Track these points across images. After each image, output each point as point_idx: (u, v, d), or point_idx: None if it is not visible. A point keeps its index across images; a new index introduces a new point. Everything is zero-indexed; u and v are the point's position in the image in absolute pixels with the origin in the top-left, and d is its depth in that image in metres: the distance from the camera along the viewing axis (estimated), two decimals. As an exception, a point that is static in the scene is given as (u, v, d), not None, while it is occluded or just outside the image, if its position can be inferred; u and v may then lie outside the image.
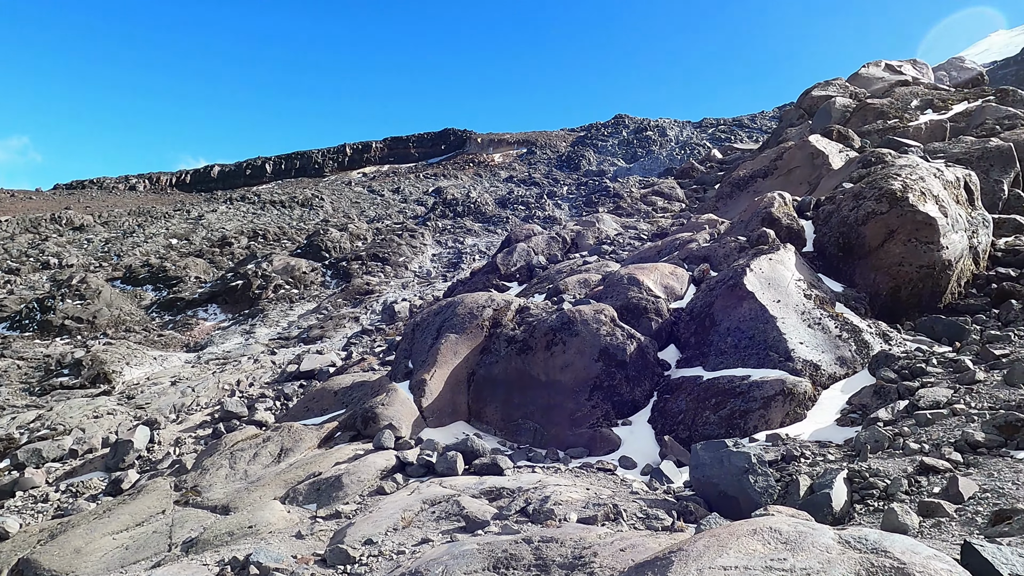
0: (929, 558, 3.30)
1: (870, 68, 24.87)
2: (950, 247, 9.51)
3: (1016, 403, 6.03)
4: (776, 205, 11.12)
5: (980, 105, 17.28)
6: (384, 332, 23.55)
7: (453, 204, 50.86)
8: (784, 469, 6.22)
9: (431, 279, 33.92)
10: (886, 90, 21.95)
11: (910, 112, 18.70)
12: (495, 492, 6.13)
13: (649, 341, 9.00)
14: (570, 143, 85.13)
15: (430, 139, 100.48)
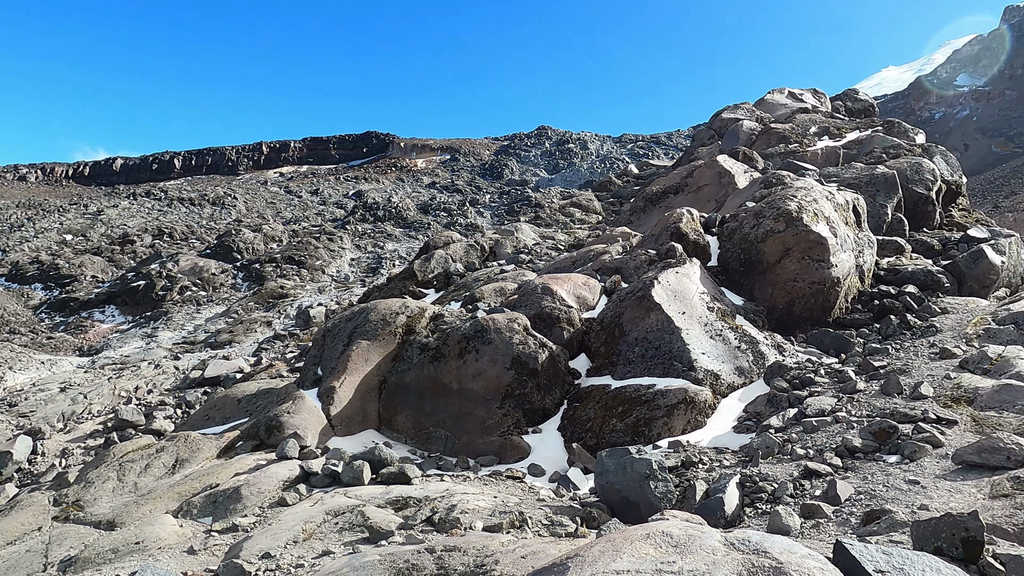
0: (804, 557, 3.52)
1: (775, 95, 26.40)
2: (839, 265, 10.21)
3: (890, 411, 6.53)
4: (685, 221, 11.59)
5: (870, 135, 18.67)
6: (298, 337, 22.86)
7: (374, 208, 50.07)
8: (683, 475, 6.47)
9: (349, 284, 33.21)
10: (788, 116, 23.35)
11: (809, 138, 19.97)
12: (402, 501, 6.06)
13: (561, 350, 9.16)
14: (494, 152, 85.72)
15: (351, 141, 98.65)
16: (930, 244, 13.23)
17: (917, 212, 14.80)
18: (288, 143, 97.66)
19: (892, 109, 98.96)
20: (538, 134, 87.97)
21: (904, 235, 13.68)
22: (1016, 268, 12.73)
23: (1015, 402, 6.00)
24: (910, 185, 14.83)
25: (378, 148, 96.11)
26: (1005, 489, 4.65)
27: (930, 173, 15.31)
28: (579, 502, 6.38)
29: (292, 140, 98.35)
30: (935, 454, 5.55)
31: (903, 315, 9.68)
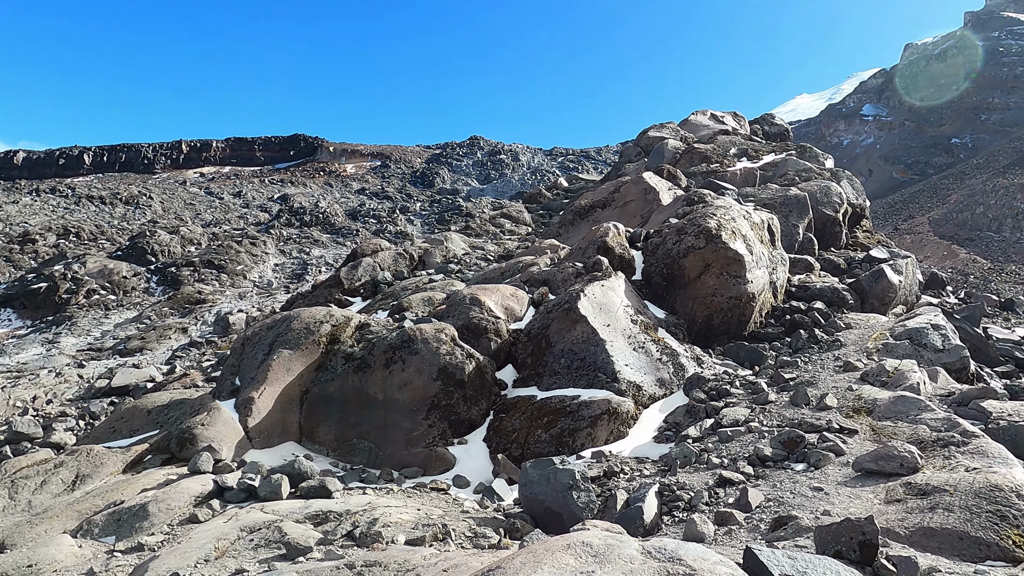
0: (716, 563, 3.67)
1: (698, 116, 27.50)
2: (754, 281, 10.70)
3: (798, 421, 6.88)
4: (611, 235, 11.88)
5: (784, 158, 19.71)
6: (215, 345, 21.96)
7: (300, 213, 48.80)
8: (605, 484, 6.59)
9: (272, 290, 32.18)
10: (710, 137, 24.36)
11: (729, 158, 20.89)
12: (322, 516, 5.90)
13: (488, 361, 9.18)
14: (425, 160, 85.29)
15: (278, 143, 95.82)
16: (837, 263, 14.07)
17: (826, 232, 15.71)
18: (210, 142, 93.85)
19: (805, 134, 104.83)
20: (470, 144, 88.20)
21: (814, 254, 14.49)
22: (911, 287, 13.71)
23: (908, 413, 6.44)
24: (820, 207, 15.73)
25: (306, 151, 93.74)
26: (898, 494, 4.99)
27: (838, 196, 16.30)
28: (503, 513, 6.39)
29: (214, 140, 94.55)
30: (838, 462, 5.89)
31: (812, 330, 10.23)
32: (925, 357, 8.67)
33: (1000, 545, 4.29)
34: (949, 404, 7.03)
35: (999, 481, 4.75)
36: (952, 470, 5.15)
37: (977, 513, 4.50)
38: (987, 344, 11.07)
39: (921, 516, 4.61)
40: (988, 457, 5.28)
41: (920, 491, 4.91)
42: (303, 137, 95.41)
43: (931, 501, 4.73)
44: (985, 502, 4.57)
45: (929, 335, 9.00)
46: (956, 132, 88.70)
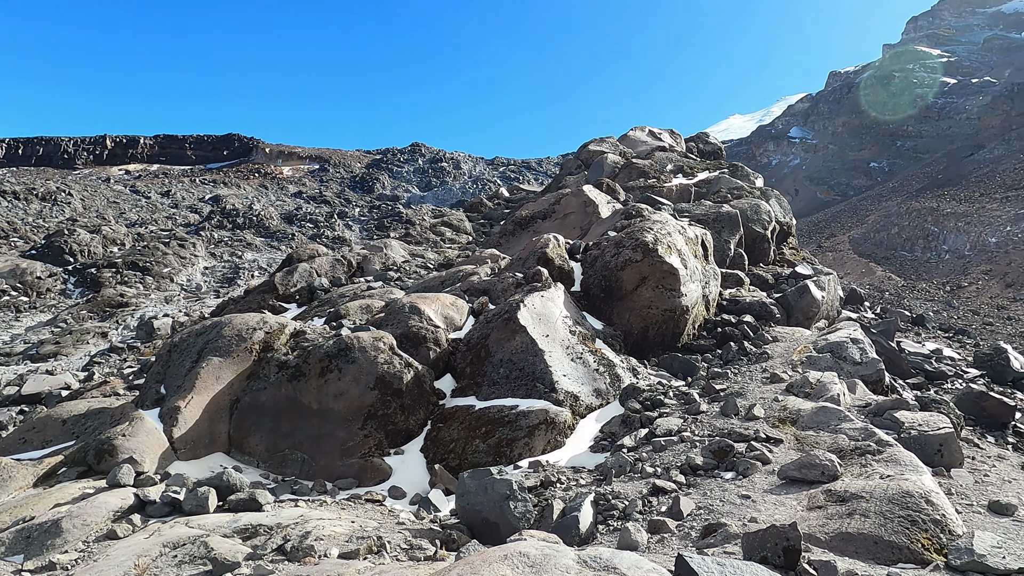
0: (649, 571, 3.75)
1: (637, 132, 28.21)
2: (688, 295, 11.03)
3: (728, 431, 7.12)
4: (551, 246, 12.02)
5: (718, 176, 20.44)
6: (139, 351, 20.95)
7: (233, 215, 47.30)
8: (542, 494, 6.64)
9: (201, 294, 31.01)
10: (648, 153, 25.01)
11: (665, 174, 21.50)
12: (251, 530, 5.70)
13: (427, 370, 9.12)
14: (365, 165, 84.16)
15: (211, 142, 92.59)
16: (765, 278, 14.66)
17: (755, 248, 16.36)
18: (137, 139, 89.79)
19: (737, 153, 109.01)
20: (412, 150, 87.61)
21: (744, 269, 15.06)
22: (833, 302, 14.42)
23: (829, 423, 6.76)
24: (750, 224, 16.38)
25: (241, 152, 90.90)
26: (819, 501, 5.23)
27: (767, 214, 17.01)
28: (439, 524, 6.34)
29: (142, 136, 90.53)
30: (764, 470, 6.12)
31: (741, 342, 10.62)
32: (845, 369, 9.13)
33: (911, 548, 4.55)
34: (866, 414, 7.41)
35: (910, 488, 5.04)
36: (868, 477, 5.44)
37: (891, 518, 4.76)
38: (900, 357, 11.75)
39: (840, 522, 4.84)
40: (900, 465, 5.60)
41: (839, 498, 5.15)
42: (238, 137, 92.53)
43: (849, 507, 4.98)
44: (898, 508, 4.84)
45: (848, 348, 9.49)
46: (874, 157, 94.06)
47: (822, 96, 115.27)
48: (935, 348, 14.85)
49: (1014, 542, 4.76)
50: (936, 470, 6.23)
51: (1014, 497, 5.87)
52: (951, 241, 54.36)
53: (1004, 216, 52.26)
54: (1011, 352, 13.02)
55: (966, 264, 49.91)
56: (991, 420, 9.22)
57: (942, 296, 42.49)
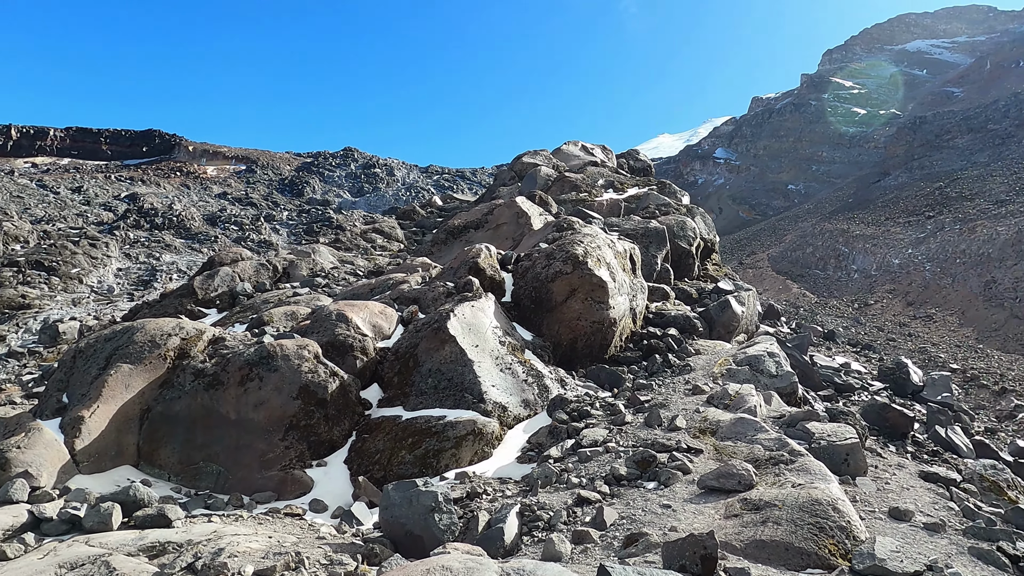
0: (571, 583, 3.78)
1: (569, 146, 28.70)
2: (616, 307, 11.25)
3: (651, 442, 7.28)
4: (483, 257, 12.03)
5: (647, 192, 21.02)
6: (40, 356, 19.60)
7: (151, 214, 45.11)
8: (468, 506, 6.59)
9: (114, 297, 29.37)
10: (581, 167, 25.47)
11: (597, 189, 21.94)
12: (159, 547, 5.39)
13: (353, 379, 8.91)
14: (295, 168, 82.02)
15: (129, 137, 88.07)
16: (689, 292, 15.14)
17: (681, 264, 16.87)
18: (46, 130, 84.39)
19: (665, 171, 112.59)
20: (344, 155, 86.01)
21: (670, 283, 15.50)
22: (752, 317, 15.03)
23: (746, 433, 7.02)
24: (676, 240, 16.89)
25: (161, 149, 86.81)
26: (736, 510, 5.40)
27: (692, 231, 17.60)
28: (362, 538, 6.19)
29: (52, 128, 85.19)
30: (685, 480, 6.28)
31: (666, 355, 10.91)
32: (761, 382, 9.52)
33: (819, 554, 4.77)
34: (780, 425, 7.74)
35: (819, 496, 5.29)
36: (781, 486, 5.67)
37: (801, 525, 4.97)
38: (812, 370, 12.36)
39: (755, 529, 5.02)
40: (811, 474, 5.87)
41: (754, 506, 5.35)
42: (159, 133, 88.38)
43: (763, 515, 5.17)
44: (807, 515, 5.06)
45: (765, 362, 9.90)
46: (792, 179, 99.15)
47: (745, 120, 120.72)
48: (844, 362, 15.71)
49: (911, 546, 5.06)
50: (843, 479, 6.55)
51: (911, 504, 6.25)
52: (859, 261, 57.82)
53: (906, 239, 56.04)
54: (911, 367, 13.93)
55: (872, 283, 53.18)
56: (893, 430, 9.80)
57: (851, 313, 45.07)
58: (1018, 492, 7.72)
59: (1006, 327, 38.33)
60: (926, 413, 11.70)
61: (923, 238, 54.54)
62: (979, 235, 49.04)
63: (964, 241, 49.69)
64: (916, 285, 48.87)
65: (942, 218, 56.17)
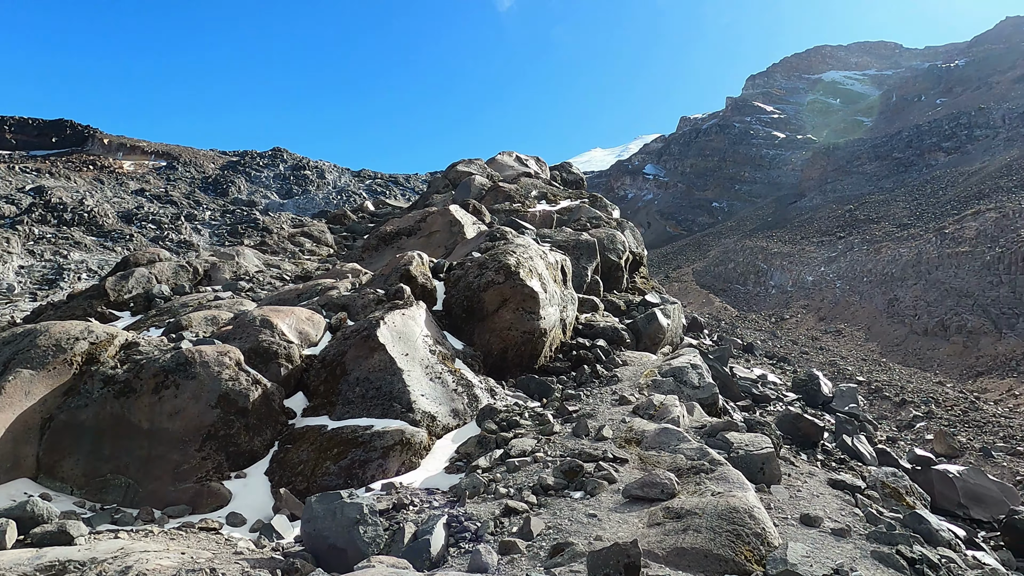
0: (498, 594, 3.77)
1: (504, 156, 28.90)
2: (547, 318, 11.37)
3: (578, 451, 7.38)
4: (415, 264, 11.92)
5: (579, 204, 21.39)
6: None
7: (59, 209, 42.43)
8: (394, 517, 6.48)
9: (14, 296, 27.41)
10: (515, 178, 25.67)
11: (530, 200, 22.15)
12: (58, 567, 5.05)
13: (276, 387, 8.64)
14: (220, 166, 78.99)
15: (37, 127, 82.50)
16: (618, 304, 15.47)
17: (610, 276, 17.24)
18: (-59, 115, 78.12)
19: (597, 185, 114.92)
20: (272, 155, 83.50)
21: (599, 295, 15.80)
22: (677, 329, 15.50)
23: (669, 443, 7.22)
24: (606, 252, 17.25)
25: (73, 140, 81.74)
26: (658, 518, 5.54)
27: (622, 244, 18.02)
28: (282, 552, 5.99)
29: (-53, 113, 78.84)
30: (611, 489, 6.40)
31: (594, 365, 11.10)
32: (685, 392, 9.82)
33: (735, 560, 4.94)
34: (702, 435, 8.01)
35: (737, 504, 5.49)
36: (702, 495, 5.86)
37: (719, 532, 5.15)
38: (732, 382, 12.85)
39: (676, 537, 5.16)
40: (729, 483, 6.09)
41: (676, 514, 5.50)
42: (70, 123, 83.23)
43: (684, 523, 5.33)
44: (725, 523, 5.25)
45: (688, 373, 10.22)
46: (716, 197, 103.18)
47: (674, 138, 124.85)
48: (761, 374, 16.41)
49: (820, 551, 5.32)
50: (759, 487, 6.84)
51: (821, 510, 6.58)
52: (777, 278, 60.68)
53: (819, 258, 59.24)
54: (822, 379, 14.70)
55: (788, 299, 55.89)
56: (805, 439, 10.31)
57: (768, 326, 47.17)
58: (915, 498, 8.26)
59: (906, 342, 41.05)
60: (835, 423, 12.37)
61: (834, 257, 57.78)
62: (884, 256, 52.39)
63: (870, 261, 52.96)
64: (827, 301, 51.67)
65: (851, 239, 59.69)
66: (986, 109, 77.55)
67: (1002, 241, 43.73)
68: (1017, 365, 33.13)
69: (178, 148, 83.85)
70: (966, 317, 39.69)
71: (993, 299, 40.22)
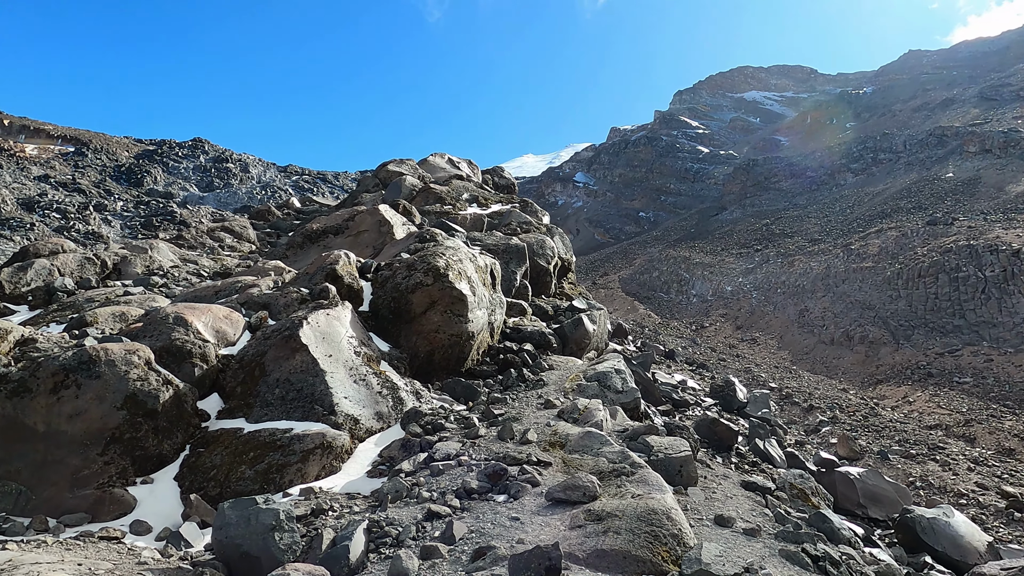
0: (417, 600, 3.71)
1: (436, 158, 28.71)
2: (475, 321, 11.35)
3: (503, 455, 7.39)
4: (341, 263, 11.66)
5: (510, 209, 21.48)
6: None
7: (-51, 194, 39.17)
8: (312, 523, 6.30)
9: None
10: (446, 180, 25.55)
11: (461, 203, 22.09)
12: (-66, 582, 4.63)
13: (189, 388, 8.24)
14: (135, 154, 74.89)
15: (-74, 103, 75.82)
16: (546, 309, 15.63)
17: (539, 281, 17.39)
18: None
19: (528, 190, 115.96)
20: (193, 146, 79.86)
21: (528, 300, 15.91)
22: (602, 335, 15.79)
23: (593, 446, 7.33)
24: (536, 257, 17.39)
25: (-32, 120, 75.57)
26: (580, 520, 5.61)
27: (551, 249, 18.22)
28: (190, 562, 5.71)
29: None
30: (534, 492, 6.43)
31: (521, 369, 11.16)
32: (608, 397, 10.01)
33: (653, 561, 5.06)
34: (624, 439, 8.17)
35: (655, 506, 5.63)
36: (622, 497, 5.97)
37: (638, 534, 5.26)
38: (654, 386, 13.20)
39: (597, 539, 5.24)
40: (649, 485, 6.24)
41: (597, 517, 5.58)
42: (-34, 102, 76.95)
43: (605, 525, 5.41)
44: (644, 524, 5.37)
45: (612, 378, 10.43)
46: (643, 207, 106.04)
47: (604, 148, 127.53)
48: (682, 379, 16.93)
49: (732, 550, 5.52)
50: (677, 489, 7.03)
51: (734, 511, 6.84)
52: (698, 287, 62.92)
53: (738, 269, 61.85)
54: (738, 385, 15.30)
55: (708, 307, 58.04)
56: (721, 443, 10.69)
57: (689, 334, 48.81)
58: (820, 498, 8.72)
59: (815, 351, 43.38)
60: (748, 427, 12.89)
61: (751, 269, 60.46)
62: (796, 268, 55.23)
63: (784, 273, 55.72)
64: (744, 311, 53.97)
65: (767, 251, 62.63)
66: (889, 135, 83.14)
67: (901, 258, 46.95)
68: (912, 374, 35.59)
69: (88, 133, 78.95)
70: (868, 328, 42.34)
71: (892, 312, 43.08)
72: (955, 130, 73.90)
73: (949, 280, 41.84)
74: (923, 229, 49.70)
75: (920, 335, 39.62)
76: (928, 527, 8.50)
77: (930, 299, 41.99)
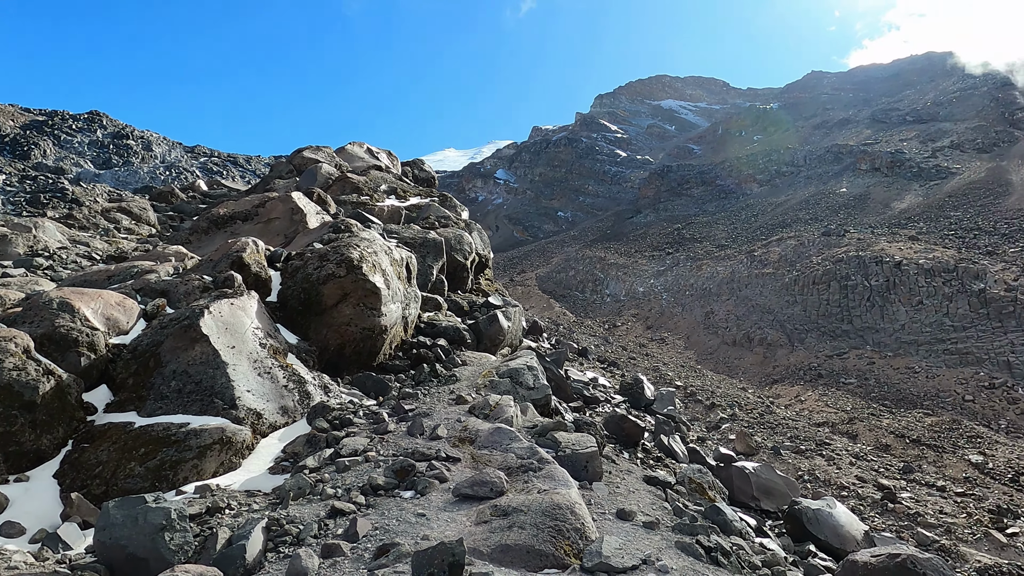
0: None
1: (354, 147, 28.03)
2: (388, 315, 11.17)
3: (412, 451, 7.31)
4: (249, 251, 11.18)
5: (428, 203, 21.27)
6: None
7: None
8: (207, 522, 6.01)
9: None
10: (364, 170, 24.99)
11: (379, 194, 21.68)
12: None
13: (74, 379, 7.67)
14: (21, 125, 68.95)
15: None
16: (461, 305, 15.59)
17: (455, 276, 17.33)
18: None
19: (448, 184, 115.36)
20: (89, 119, 74.34)
21: (443, 295, 15.82)
22: (517, 332, 15.92)
23: (502, 442, 7.38)
24: (453, 252, 17.32)
25: None
26: (486, 516, 5.63)
27: (469, 245, 18.19)
28: (68, 565, 5.33)
29: None
30: (442, 488, 6.40)
31: (434, 364, 11.07)
32: (520, 393, 10.10)
33: (556, 555, 5.15)
34: (533, 435, 8.27)
35: (560, 501, 5.73)
36: (528, 492, 6.04)
37: (542, 528, 5.34)
38: (566, 383, 13.43)
39: (502, 534, 5.28)
40: (555, 480, 6.34)
41: (503, 512, 5.63)
42: None
43: (510, 520, 5.46)
44: (548, 519, 5.45)
45: (524, 374, 10.53)
46: (562, 207, 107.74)
47: (525, 146, 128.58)
48: (593, 376, 17.33)
49: (632, 543, 5.70)
50: (582, 484, 7.18)
51: (635, 505, 7.06)
52: (612, 287, 64.62)
53: (650, 271, 63.97)
54: (646, 383, 15.82)
55: (621, 307, 59.71)
56: (628, 439, 11.01)
57: (602, 332, 50.04)
58: (716, 492, 9.14)
59: (718, 352, 45.50)
60: (655, 424, 13.35)
61: (663, 271, 62.68)
62: (704, 272, 57.73)
63: (693, 276, 58.13)
64: (655, 311, 55.89)
65: (678, 255, 65.12)
66: (792, 149, 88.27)
67: (798, 265, 50.00)
68: (804, 374, 38.00)
69: (-33, 99, 71.95)
70: (767, 331, 44.84)
71: (789, 316, 45.82)
72: (849, 148, 79.41)
73: (840, 288, 44.96)
74: (819, 239, 53.15)
75: (813, 338, 42.35)
76: (813, 518, 9.09)
77: (822, 305, 44.97)
